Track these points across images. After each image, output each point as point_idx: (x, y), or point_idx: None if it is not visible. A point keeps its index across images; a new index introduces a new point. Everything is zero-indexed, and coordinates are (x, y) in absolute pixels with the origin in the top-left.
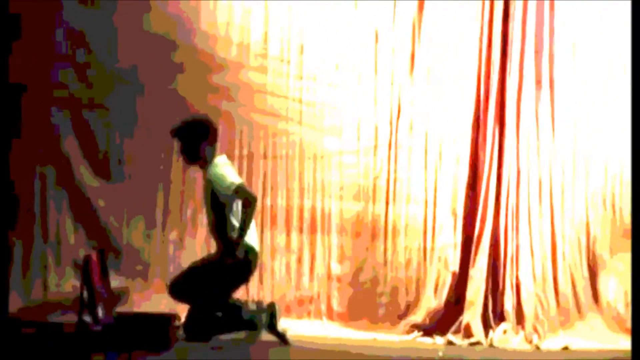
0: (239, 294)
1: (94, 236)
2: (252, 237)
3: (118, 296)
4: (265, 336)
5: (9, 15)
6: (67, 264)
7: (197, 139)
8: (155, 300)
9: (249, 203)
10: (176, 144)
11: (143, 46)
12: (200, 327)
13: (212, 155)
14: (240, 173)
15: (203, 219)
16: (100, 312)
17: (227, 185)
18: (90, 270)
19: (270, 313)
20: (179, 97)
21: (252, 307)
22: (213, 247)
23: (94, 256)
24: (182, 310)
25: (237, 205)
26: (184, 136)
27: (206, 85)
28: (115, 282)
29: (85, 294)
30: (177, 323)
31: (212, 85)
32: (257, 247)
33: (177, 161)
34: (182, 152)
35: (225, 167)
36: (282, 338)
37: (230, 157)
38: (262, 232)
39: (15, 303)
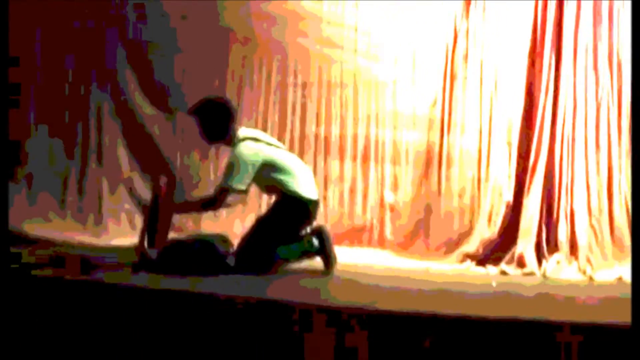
0: None
1: (150, 165)
2: (304, 187)
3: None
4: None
5: None
6: (121, 190)
7: (221, 120)
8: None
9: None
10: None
11: None
12: (257, 260)
13: (234, 134)
14: (294, 102)
15: None
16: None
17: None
18: (159, 197)
19: (321, 237)
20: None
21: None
22: None
23: (163, 182)
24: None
25: (276, 163)
26: (207, 116)
27: (260, 14)
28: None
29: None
30: (229, 249)
31: (266, 13)
32: (312, 195)
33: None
34: (205, 134)
35: (246, 156)
36: (328, 265)
37: (284, 85)
38: (315, 160)
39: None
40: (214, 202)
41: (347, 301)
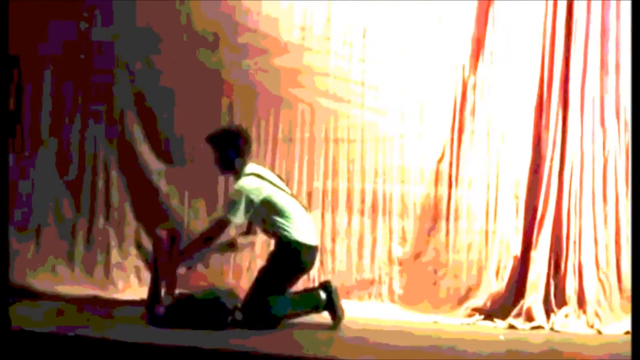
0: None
1: (153, 218)
2: (300, 232)
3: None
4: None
5: None
6: (128, 243)
7: (233, 149)
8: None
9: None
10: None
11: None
12: (263, 314)
13: (242, 167)
14: (301, 156)
15: None
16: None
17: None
18: (159, 250)
19: (328, 291)
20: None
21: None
22: None
23: (164, 235)
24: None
25: (275, 204)
26: (223, 145)
27: (266, 68)
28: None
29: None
30: (237, 303)
31: (274, 67)
32: (309, 241)
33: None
34: (220, 162)
35: (247, 191)
36: (335, 319)
37: (291, 139)
38: (322, 215)
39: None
40: (213, 233)
41: (355, 357)
